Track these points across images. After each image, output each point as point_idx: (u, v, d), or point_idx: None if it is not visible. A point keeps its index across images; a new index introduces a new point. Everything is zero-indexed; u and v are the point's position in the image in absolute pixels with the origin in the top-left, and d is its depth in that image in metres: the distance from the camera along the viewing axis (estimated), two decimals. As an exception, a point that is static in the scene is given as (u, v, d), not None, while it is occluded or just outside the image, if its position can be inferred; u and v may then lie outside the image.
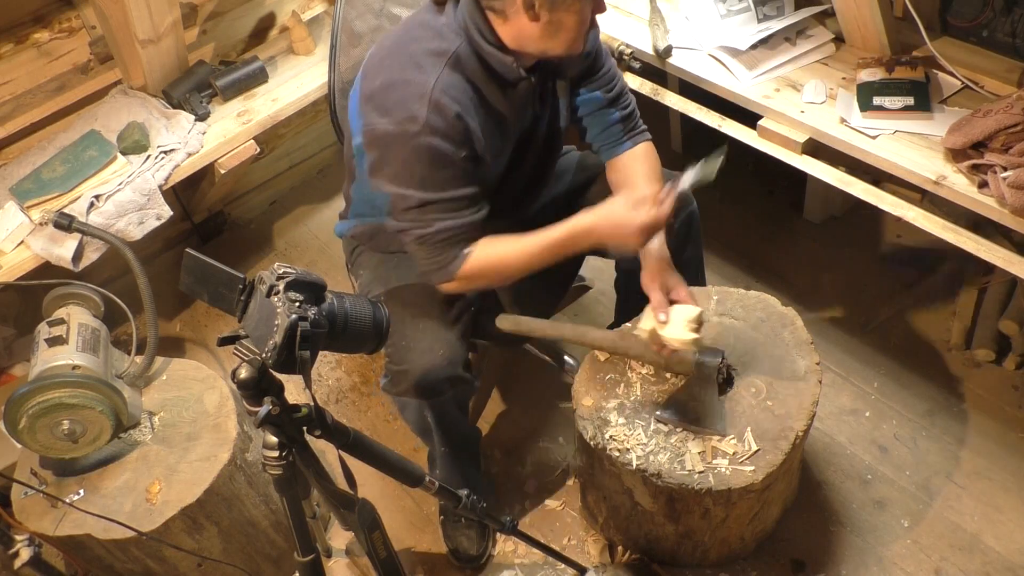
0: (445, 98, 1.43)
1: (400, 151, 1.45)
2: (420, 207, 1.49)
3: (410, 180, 1.47)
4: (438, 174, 1.46)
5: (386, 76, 1.47)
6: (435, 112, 1.42)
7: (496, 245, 1.54)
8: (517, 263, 1.55)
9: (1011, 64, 1.81)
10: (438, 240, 1.51)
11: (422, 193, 1.47)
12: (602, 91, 1.68)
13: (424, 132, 1.42)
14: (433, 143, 1.43)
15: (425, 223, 1.50)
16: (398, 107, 1.44)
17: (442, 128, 1.43)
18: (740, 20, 2.01)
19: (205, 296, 1.18)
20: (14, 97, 2.17)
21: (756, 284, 2.44)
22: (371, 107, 1.48)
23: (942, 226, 1.67)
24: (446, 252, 1.52)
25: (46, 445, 1.64)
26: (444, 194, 1.48)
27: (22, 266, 1.99)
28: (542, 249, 1.53)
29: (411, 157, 1.45)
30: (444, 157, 1.45)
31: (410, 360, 1.60)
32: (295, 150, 2.96)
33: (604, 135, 1.72)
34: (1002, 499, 1.94)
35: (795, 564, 1.89)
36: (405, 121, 1.43)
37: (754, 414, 1.61)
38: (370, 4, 1.99)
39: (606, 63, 1.69)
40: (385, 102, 1.45)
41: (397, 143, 1.45)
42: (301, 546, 1.38)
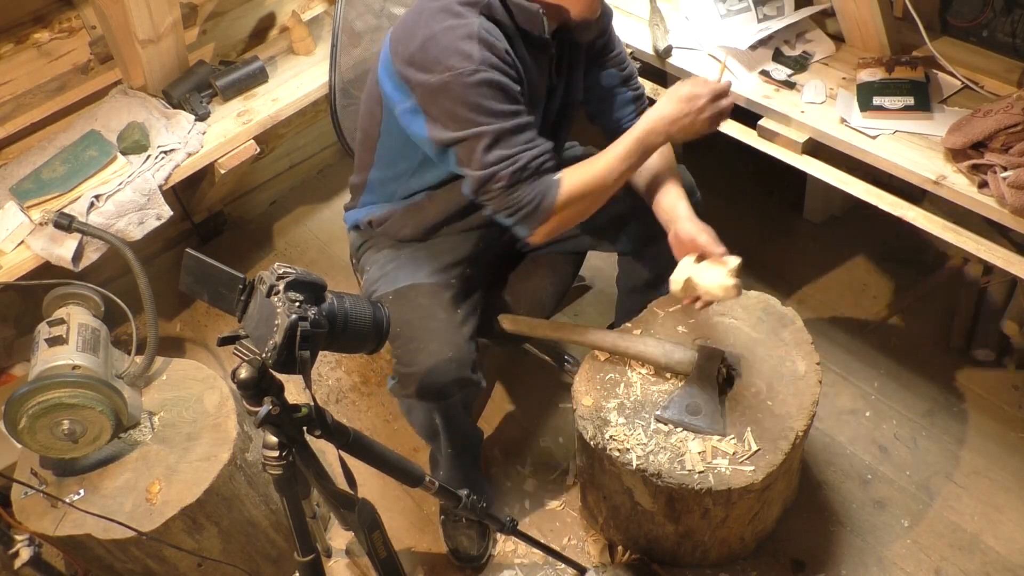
0: (491, 36, 1.44)
1: (461, 93, 1.42)
2: (498, 140, 1.44)
3: (479, 117, 1.43)
4: (504, 105, 1.44)
5: (424, 32, 1.46)
6: (486, 48, 1.42)
7: (581, 167, 1.51)
8: (610, 174, 1.51)
9: (1011, 64, 1.81)
10: (531, 171, 1.46)
11: (496, 124, 1.43)
12: (616, 69, 1.71)
13: (481, 68, 1.41)
14: (492, 76, 1.42)
15: (511, 159, 1.45)
16: (447, 54, 1.42)
17: (497, 62, 1.43)
18: (740, 20, 2.01)
19: (205, 296, 1.18)
20: (14, 97, 2.16)
21: (756, 284, 2.44)
22: (415, 68, 1.46)
23: (942, 226, 1.67)
24: (540, 183, 1.47)
25: (46, 445, 1.64)
26: (516, 122, 1.45)
27: (22, 266, 1.98)
28: (627, 152, 1.50)
29: (473, 95, 1.42)
30: (505, 87, 1.44)
31: (419, 362, 1.59)
32: (295, 150, 2.96)
33: (616, 115, 1.74)
34: (1002, 499, 1.94)
35: (795, 564, 1.89)
36: (460, 63, 1.41)
37: (754, 414, 1.61)
38: (370, 4, 2.00)
39: (618, 46, 1.72)
40: (430, 55, 1.44)
41: (456, 86, 1.42)
42: (301, 546, 1.38)
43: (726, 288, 1.43)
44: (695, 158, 2.83)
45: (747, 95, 1.89)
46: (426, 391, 1.61)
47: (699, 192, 1.83)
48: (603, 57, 1.70)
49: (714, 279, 1.44)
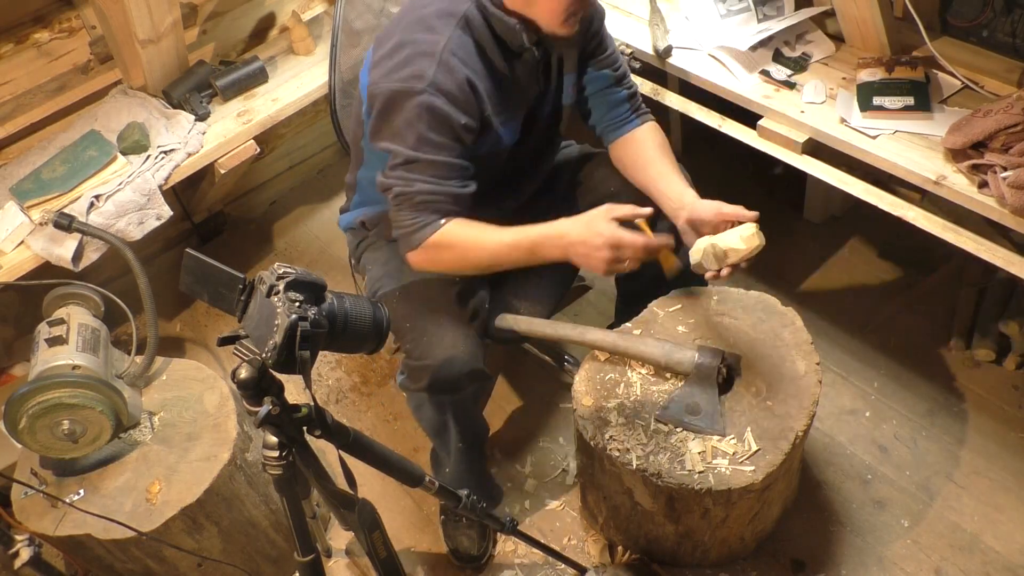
0: (455, 59, 1.44)
1: (403, 108, 1.45)
2: (407, 164, 1.48)
3: (406, 136, 1.46)
4: (434, 135, 1.46)
5: (397, 39, 1.48)
6: (443, 71, 1.43)
7: (470, 228, 1.52)
8: (484, 252, 1.52)
9: (1011, 64, 1.81)
10: (416, 201, 1.49)
11: (413, 151, 1.46)
12: (609, 69, 1.71)
13: (429, 90, 1.42)
14: (436, 103, 1.43)
15: (408, 182, 1.49)
16: (406, 64, 1.44)
17: (448, 89, 1.43)
18: (740, 20, 2.01)
19: (205, 296, 1.18)
20: (14, 97, 2.17)
21: (756, 284, 2.44)
22: (379, 69, 1.49)
23: (942, 226, 1.67)
24: (420, 216, 1.50)
25: (46, 445, 1.64)
26: (434, 156, 1.47)
27: (22, 266, 1.98)
28: (512, 247, 1.51)
29: (412, 115, 1.44)
30: (444, 119, 1.45)
31: (432, 355, 1.60)
32: (295, 150, 2.96)
33: (611, 114, 1.74)
34: (1002, 499, 1.94)
35: (795, 564, 1.89)
36: (411, 78, 1.43)
37: (754, 414, 1.61)
38: (370, 4, 1.99)
39: (611, 45, 1.72)
40: (393, 60, 1.46)
41: (401, 99, 1.45)
42: (301, 546, 1.38)
43: (748, 238, 1.42)
44: (695, 158, 2.83)
45: (747, 95, 1.89)
46: (439, 384, 1.62)
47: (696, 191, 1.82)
48: (595, 58, 1.70)
49: (737, 233, 1.44)
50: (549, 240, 1.49)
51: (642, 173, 1.68)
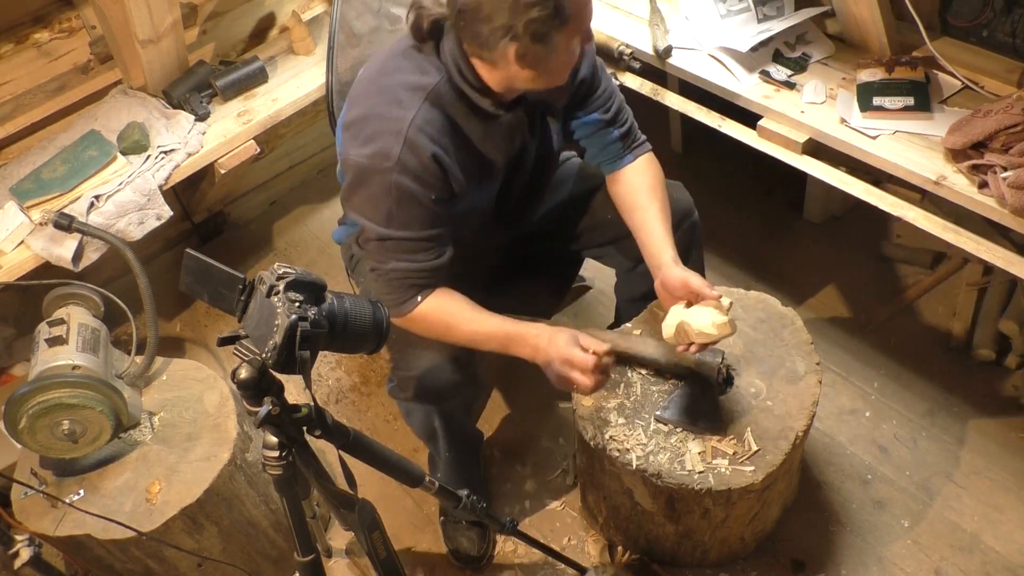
0: (421, 137, 1.42)
1: (370, 184, 1.44)
2: (379, 241, 1.48)
3: (375, 213, 1.46)
4: (404, 212, 1.45)
5: (365, 107, 1.47)
6: (409, 151, 1.41)
7: (451, 305, 1.52)
8: (461, 335, 1.53)
9: (1011, 64, 1.81)
10: (392, 279, 1.50)
11: (384, 229, 1.46)
12: (599, 112, 1.65)
13: (395, 170, 1.41)
14: (403, 182, 1.42)
15: (381, 260, 1.49)
16: (373, 140, 1.43)
17: (414, 168, 1.42)
18: (740, 20, 2.01)
19: (205, 296, 1.18)
20: (14, 97, 2.17)
21: (756, 284, 2.44)
22: (349, 136, 1.48)
23: (942, 226, 1.67)
24: (399, 293, 1.51)
25: (46, 445, 1.64)
26: (406, 233, 1.46)
27: (22, 266, 1.98)
28: (487, 336, 1.52)
29: (379, 192, 1.43)
30: (412, 198, 1.44)
31: (417, 366, 1.59)
32: (295, 150, 2.96)
33: (604, 153, 1.70)
34: (1002, 499, 1.94)
35: (795, 564, 1.89)
36: (378, 156, 1.42)
37: (754, 414, 1.61)
38: (369, 3, 1.99)
39: (603, 83, 1.65)
40: (361, 133, 1.45)
41: (368, 175, 1.44)
42: (301, 546, 1.38)
43: (720, 326, 1.44)
44: (695, 158, 2.83)
45: (747, 95, 1.89)
46: (424, 394, 1.62)
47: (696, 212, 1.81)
48: (585, 102, 1.65)
49: (707, 318, 1.45)
50: (521, 340, 1.51)
51: (629, 217, 1.66)
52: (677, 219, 1.76)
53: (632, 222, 1.65)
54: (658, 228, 1.60)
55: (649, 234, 1.60)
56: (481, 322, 1.51)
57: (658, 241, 1.58)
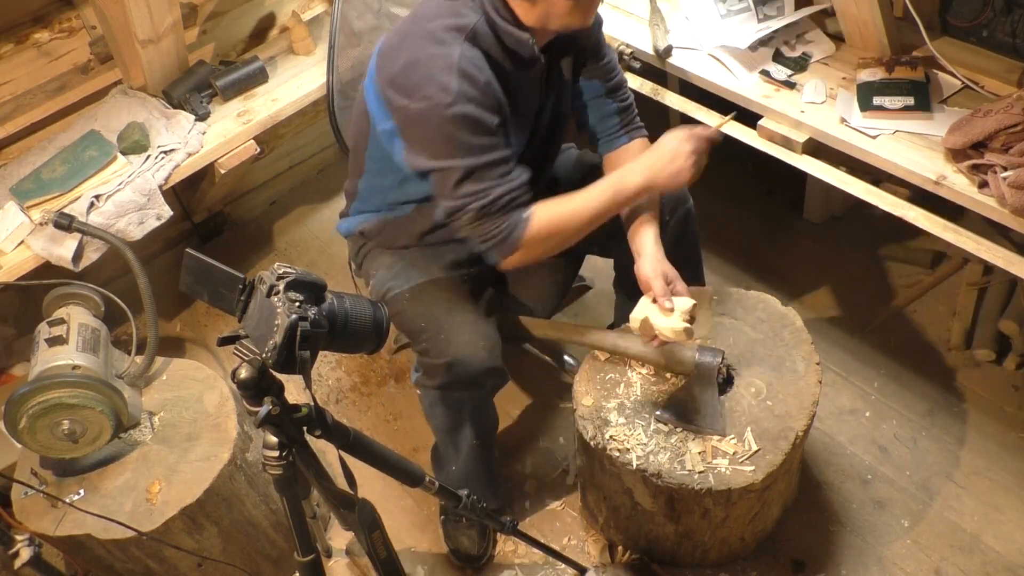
0: (472, 67, 1.43)
1: (437, 125, 1.43)
2: (469, 176, 1.45)
3: (453, 151, 1.44)
4: (478, 140, 1.44)
5: (407, 56, 1.46)
6: (465, 80, 1.41)
7: (553, 205, 1.52)
8: (580, 217, 1.52)
9: (1011, 64, 1.81)
10: (499, 207, 1.47)
11: (468, 160, 1.44)
12: (601, 80, 1.69)
13: (458, 101, 1.41)
14: (468, 111, 1.42)
15: (481, 193, 1.46)
16: (427, 82, 1.42)
17: (475, 95, 1.42)
18: (740, 20, 2.01)
19: (205, 296, 1.18)
20: (14, 97, 2.16)
21: (756, 284, 2.44)
22: (395, 90, 1.46)
23: (942, 226, 1.67)
24: (509, 218, 1.48)
25: (46, 445, 1.64)
26: (490, 157, 1.46)
27: (22, 266, 1.98)
28: (601, 199, 1.52)
29: (449, 128, 1.43)
30: (481, 123, 1.44)
31: (451, 353, 1.60)
32: (295, 150, 2.96)
33: (601, 125, 1.73)
34: (1002, 499, 1.94)
35: (795, 564, 1.89)
36: (437, 94, 1.41)
37: (754, 414, 1.61)
38: (369, 3, 1.99)
39: (608, 55, 1.70)
40: (411, 81, 1.44)
41: (432, 117, 1.43)
42: (301, 546, 1.38)
43: (677, 331, 1.50)
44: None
45: (747, 95, 1.89)
46: (458, 382, 1.62)
47: (691, 199, 1.82)
48: (589, 66, 1.68)
49: (667, 322, 1.51)
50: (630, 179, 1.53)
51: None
52: (671, 207, 1.78)
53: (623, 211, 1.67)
54: (646, 219, 1.63)
55: (637, 224, 1.64)
56: (587, 196, 1.53)
57: (642, 231, 1.62)
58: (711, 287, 1.84)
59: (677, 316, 1.51)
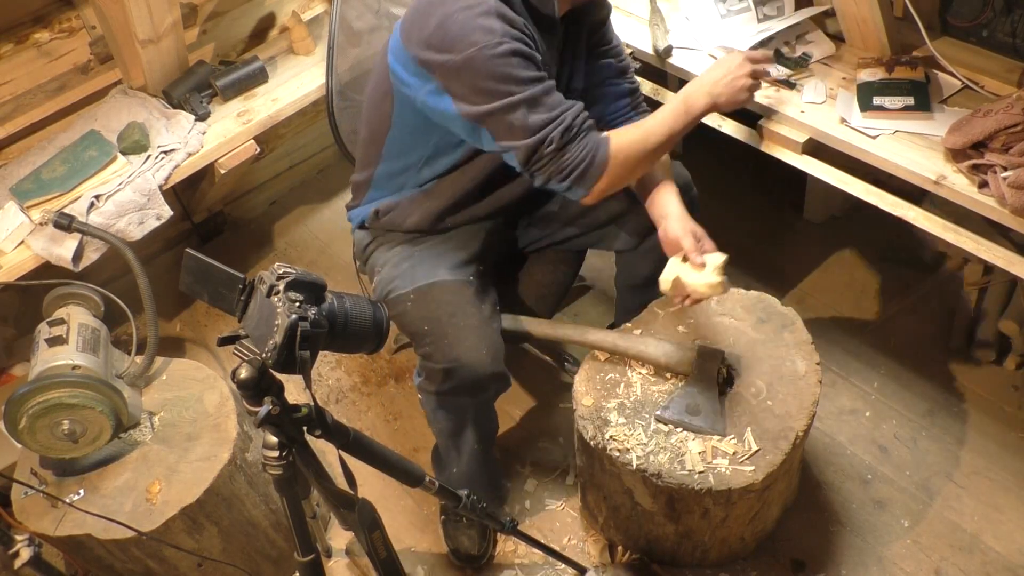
0: (508, 11, 1.44)
1: (488, 65, 1.41)
2: (536, 105, 1.43)
3: (511, 86, 1.42)
4: (533, 73, 1.44)
5: (438, 16, 1.44)
6: (504, 22, 1.42)
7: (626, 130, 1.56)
8: (655, 133, 1.54)
9: (1011, 64, 1.81)
10: (578, 128, 1.46)
11: (529, 90, 1.43)
12: (615, 60, 1.72)
13: (504, 40, 1.40)
14: (517, 47, 1.41)
15: (556, 120, 1.44)
16: (468, 31, 1.41)
17: (517, 34, 1.43)
18: (740, 20, 2.01)
19: (205, 296, 1.18)
20: (14, 97, 2.16)
21: (756, 284, 2.44)
22: (434, 50, 1.44)
23: (942, 226, 1.67)
24: (590, 140, 1.48)
25: (46, 445, 1.64)
26: (547, 85, 1.46)
27: (22, 266, 1.98)
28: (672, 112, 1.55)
29: (502, 65, 1.41)
30: (530, 56, 1.44)
31: (454, 358, 1.59)
32: (295, 150, 2.96)
33: (612, 107, 1.74)
34: (1002, 499, 1.94)
35: (795, 564, 1.89)
36: (483, 37, 1.40)
37: (754, 414, 1.61)
38: (368, 3, 1.99)
39: (616, 38, 1.74)
40: (450, 34, 1.42)
41: (481, 60, 1.41)
42: (301, 546, 1.38)
43: (712, 286, 1.49)
44: (695, 158, 2.83)
45: (747, 95, 1.89)
46: (462, 387, 1.62)
47: (695, 188, 1.83)
48: (600, 48, 1.71)
49: (700, 277, 1.50)
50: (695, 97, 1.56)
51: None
52: None
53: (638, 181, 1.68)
54: (666, 184, 1.65)
55: (657, 190, 1.65)
56: (658, 115, 1.56)
57: (665, 194, 1.64)
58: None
59: (710, 271, 1.49)
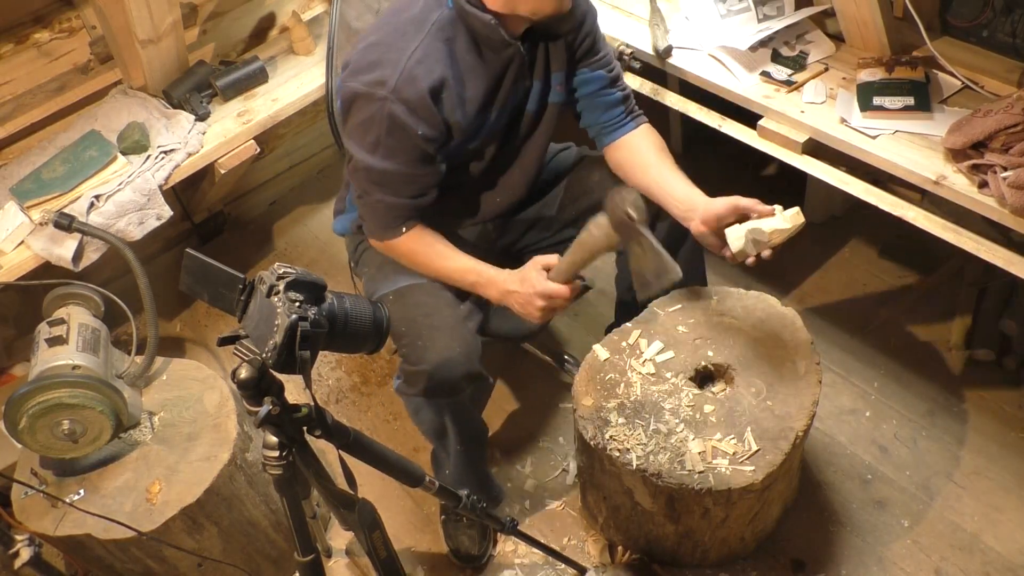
0: (420, 68, 1.45)
1: (364, 110, 1.48)
2: (366, 170, 1.53)
3: (364, 140, 1.51)
4: (391, 142, 1.49)
5: (373, 38, 1.51)
6: (406, 81, 1.45)
7: (430, 240, 1.62)
8: (435, 269, 1.64)
9: (1011, 64, 1.81)
10: (377, 209, 1.58)
11: (371, 158, 1.51)
12: (604, 70, 1.70)
13: (390, 99, 1.45)
14: (396, 112, 1.45)
15: (368, 190, 1.56)
16: (373, 68, 1.47)
17: (409, 99, 1.45)
18: (740, 20, 2.01)
19: (205, 296, 1.18)
20: (14, 97, 2.16)
21: (756, 284, 2.44)
22: (349, 70, 1.51)
23: (942, 226, 1.67)
24: (381, 221, 1.59)
25: (46, 445, 1.64)
26: (390, 164, 1.51)
27: (22, 266, 1.98)
28: (461, 273, 1.62)
29: (371, 119, 1.48)
30: (402, 129, 1.47)
31: (428, 359, 1.59)
32: (295, 150, 2.96)
33: (606, 116, 1.73)
34: (1002, 499, 1.94)
35: (795, 564, 1.89)
36: (374, 84, 1.46)
37: (754, 414, 1.61)
38: (369, 3, 1.99)
39: (605, 47, 1.71)
40: (362, 63, 1.49)
41: (364, 102, 1.48)
42: (301, 546, 1.38)
43: (793, 216, 1.45)
44: (695, 158, 2.83)
45: (747, 95, 1.89)
46: (436, 388, 1.62)
47: None
48: (589, 59, 1.68)
49: (780, 221, 1.46)
50: (491, 283, 1.60)
51: (643, 176, 1.66)
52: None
53: (647, 181, 1.64)
54: (679, 179, 1.62)
55: (672, 186, 1.61)
56: (456, 260, 1.63)
57: (682, 188, 1.60)
58: (712, 287, 1.84)
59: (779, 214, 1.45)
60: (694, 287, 1.82)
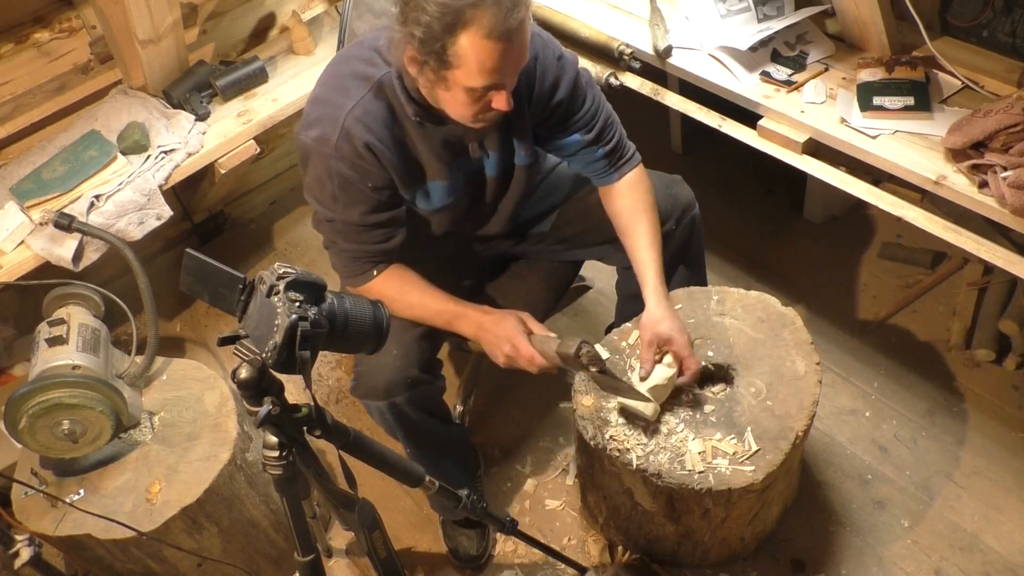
0: (358, 126, 1.44)
1: (315, 166, 1.50)
2: (328, 222, 1.54)
3: (321, 194, 1.51)
4: (346, 196, 1.50)
5: (318, 91, 1.52)
6: (344, 140, 1.44)
7: (403, 281, 1.60)
8: (411, 310, 1.61)
9: (1011, 64, 1.81)
10: (345, 257, 1.58)
11: (330, 211, 1.52)
12: (581, 133, 1.62)
13: (333, 156, 1.46)
14: (341, 169, 1.46)
15: (332, 239, 1.57)
16: (316, 124, 1.48)
17: (350, 156, 1.45)
18: (740, 20, 2.01)
19: (205, 296, 1.18)
20: (14, 97, 2.17)
21: (756, 284, 2.44)
22: (300, 122, 1.53)
23: (942, 226, 1.67)
24: (353, 267, 1.58)
25: (46, 445, 1.64)
26: (350, 215, 1.51)
27: (22, 266, 1.99)
28: (436, 312, 1.60)
29: (323, 174, 1.49)
30: (351, 184, 1.48)
31: (367, 362, 1.61)
32: (295, 150, 2.95)
33: (588, 169, 1.70)
34: (1002, 499, 1.94)
35: (795, 564, 1.89)
36: (319, 140, 1.46)
37: (754, 414, 1.61)
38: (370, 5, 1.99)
39: (586, 103, 1.61)
40: (310, 115, 1.50)
41: (314, 158, 1.49)
42: (301, 546, 1.38)
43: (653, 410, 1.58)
44: (695, 158, 2.84)
45: (747, 95, 1.89)
46: (374, 391, 1.63)
47: (698, 206, 1.82)
48: (564, 123, 1.62)
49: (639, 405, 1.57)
50: (467, 318, 1.58)
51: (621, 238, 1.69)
52: (678, 214, 1.77)
53: (624, 243, 1.69)
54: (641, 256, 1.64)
55: (635, 262, 1.66)
56: (432, 297, 1.60)
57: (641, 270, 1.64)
58: (712, 287, 1.84)
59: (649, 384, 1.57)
60: (694, 287, 1.82)
